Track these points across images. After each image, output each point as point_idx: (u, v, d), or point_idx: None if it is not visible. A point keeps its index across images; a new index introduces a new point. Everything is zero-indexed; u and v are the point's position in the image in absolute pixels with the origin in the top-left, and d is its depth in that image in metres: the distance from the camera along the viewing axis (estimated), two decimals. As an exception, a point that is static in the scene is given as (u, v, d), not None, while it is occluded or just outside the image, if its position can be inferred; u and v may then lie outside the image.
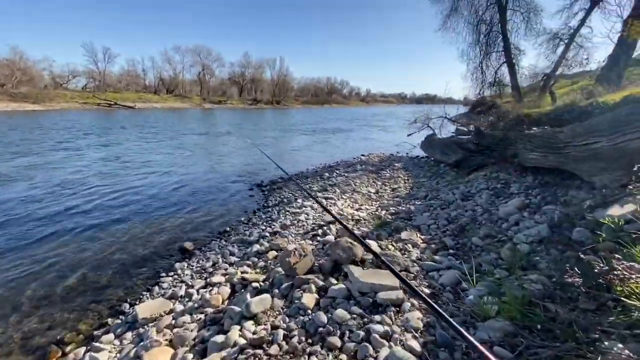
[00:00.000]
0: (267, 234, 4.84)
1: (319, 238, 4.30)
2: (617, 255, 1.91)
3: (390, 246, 3.79)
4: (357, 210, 5.77)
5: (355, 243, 3.36)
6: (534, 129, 5.45)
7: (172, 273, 4.20)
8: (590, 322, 1.41)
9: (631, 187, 3.03)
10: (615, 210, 2.60)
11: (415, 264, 3.11)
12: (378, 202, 6.24)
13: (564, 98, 12.24)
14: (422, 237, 4.00)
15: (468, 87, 23.33)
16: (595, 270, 1.89)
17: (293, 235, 4.66)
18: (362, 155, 13.40)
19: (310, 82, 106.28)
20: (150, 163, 11.46)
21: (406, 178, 8.36)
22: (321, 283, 2.86)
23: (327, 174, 9.11)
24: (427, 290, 2.46)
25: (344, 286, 2.67)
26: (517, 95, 14.85)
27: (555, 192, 4.03)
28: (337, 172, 9.56)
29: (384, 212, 5.48)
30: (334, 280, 2.86)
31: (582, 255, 2.38)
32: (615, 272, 1.75)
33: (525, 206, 3.91)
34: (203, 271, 4.09)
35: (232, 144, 17.45)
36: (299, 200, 6.62)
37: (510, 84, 17.38)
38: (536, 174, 4.99)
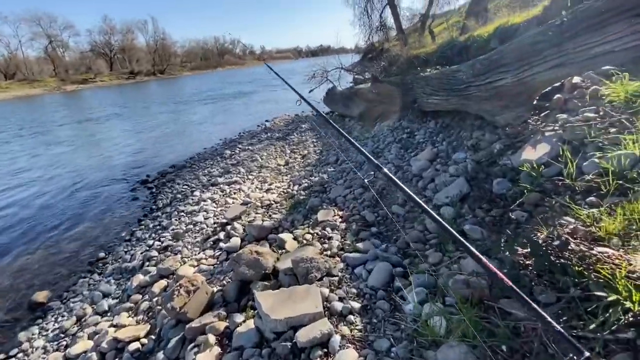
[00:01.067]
0: (155, 252, 3.74)
1: (222, 245, 3.44)
2: (561, 219, 1.58)
3: (307, 235, 3.19)
4: (266, 191, 4.99)
5: (262, 251, 2.63)
6: (428, 70, 5.28)
7: (15, 352, 2.88)
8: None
9: (531, 121, 2.92)
10: (530, 153, 2.40)
11: (337, 259, 2.57)
12: (289, 176, 5.56)
13: (442, 35, 12.93)
14: (340, 213, 3.50)
15: (357, 34, 23.41)
16: (541, 243, 1.54)
17: (189, 247, 3.68)
18: (267, 121, 12.34)
19: (196, 44, 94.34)
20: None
21: (315, 140, 7.81)
22: (224, 326, 2.10)
23: (228, 151, 7.93)
24: (357, 304, 1.92)
25: (253, 326, 1.96)
26: (402, 37, 15.26)
27: (460, 135, 3.92)
28: (241, 146, 8.46)
29: (296, 187, 4.84)
30: (240, 317, 2.12)
31: (512, 216, 2.11)
32: (570, 247, 1.40)
33: (435, 156, 3.69)
34: (63, 335, 2.89)
35: (112, 132, 14.24)
36: (196, 193, 5.48)
37: (394, 26, 17.81)
38: (436, 117, 4.89)
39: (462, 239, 1.06)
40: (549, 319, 0.80)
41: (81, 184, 7.45)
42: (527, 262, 1.49)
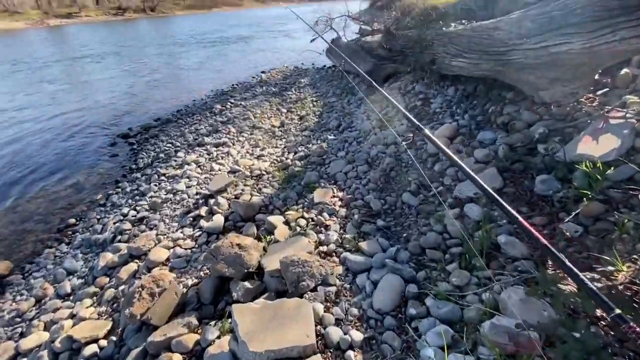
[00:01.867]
0: (128, 225, 3.31)
1: (202, 223, 3.00)
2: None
3: (301, 220, 2.75)
4: (258, 158, 4.46)
5: (245, 244, 2.19)
6: (452, 25, 4.47)
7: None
8: None
9: (586, 101, 2.35)
10: (589, 145, 1.88)
11: (335, 260, 2.15)
12: (284, 141, 4.99)
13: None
14: (340, 195, 3.03)
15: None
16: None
17: (166, 222, 3.25)
18: (263, 72, 11.30)
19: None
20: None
21: (314, 99, 7.07)
22: (194, 341, 1.73)
23: (218, 106, 7.20)
24: (359, 335, 1.53)
25: (227, 349, 1.58)
26: (420, -17, 13.55)
27: (485, 109, 3.32)
28: (233, 100, 7.69)
29: (291, 156, 4.31)
30: (214, 332, 1.74)
31: (562, 228, 1.65)
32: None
33: (456, 132, 3.14)
34: (19, 320, 2.55)
35: (100, 73, 13.09)
36: (180, 154, 4.93)
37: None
38: (457, 83, 4.23)
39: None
40: (583, 277, 0.78)
41: (59, 130, 6.80)
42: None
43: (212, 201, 3.28)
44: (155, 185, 4.13)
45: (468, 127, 3.15)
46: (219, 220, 2.93)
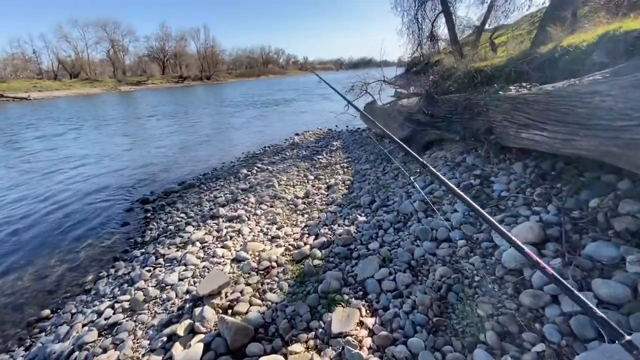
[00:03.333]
0: (93, 334, 2.55)
1: (175, 351, 2.15)
2: None
3: (308, 367, 1.81)
4: (271, 239, 3.70)
5: None
6: (513, 89, 3.72)
7: None
8: None
9: None
10: None
11: None
12: (306, 216, 4.23)
13: (507, 48, 11.03)
14: (371, 322, 2.07)
15: (404, 45, 21.85)
16: None
17: (138, 336, 2.45)
18: (297, 134, 11.20)
19: (243, 52, 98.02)
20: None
21: (346, 164, 6.44)
22: None
23: (244, 171, 6.81)
24: None
25: None
26: (457, 48, 13.48)
27: (580, 199, 2.34)
28: (260, 164, 7.32)
29: (311, 239, 3.50)
30: None
31: None
32: None
33: (544, 236, 2.16)
34: None
35: (148, 131, 13.98)
36: (189, 229, 4.34)
37: (447, 37, 16.11)
38: (524, 157, 3.32)
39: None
40: (591, 305, 0.79)
41: (86, 190, 6.71)
42: None
43: (197, 311, 2.46)
44: (149, 270, 3.45)
45: (561, 228, 2.16)
46: (195, 352, 2.07)
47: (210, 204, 5.29)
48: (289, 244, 3.53)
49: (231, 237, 3.89)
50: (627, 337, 0.68)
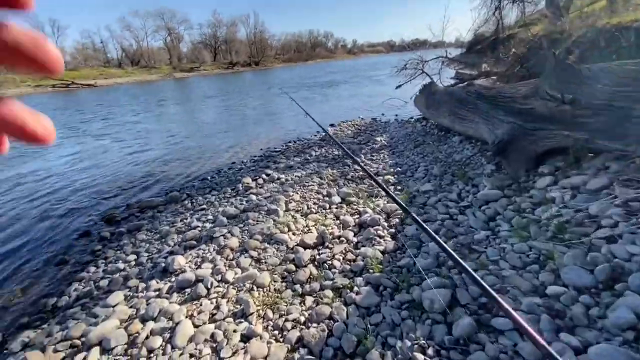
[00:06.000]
0: None
1: None
2: None
3: None
4: (233, 352, 1.73)
5: None
6: None
7: None
8: None
9: None
10: None
11: None
12: (308, 304, 2.19)
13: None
14: None
15: (476, 9, 18.13)
16: None
17: None
18: (332, 125, 9.04)
19: (291, 37, 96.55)
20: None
21: (393, 179, 4.19)
22: None
23: (249, 179, 4.89)
24: None
25: None
26: (556, 9, 9.93)
27: None
28: (274, 168, 5.39)
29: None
30: None
31: None
32: None
33: None
34: None
35: (182, 117, 12.93)
36: (111, 300, 2.53)
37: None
38: None
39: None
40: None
41: (65, 192, 5.39)
42: None
43: None
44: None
45: None
46: None
47: (178, 237, 3.47)
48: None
49: (167, 329, 1.99)
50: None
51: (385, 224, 2.92)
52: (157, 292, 2.53)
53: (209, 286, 2.45)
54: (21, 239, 4.18)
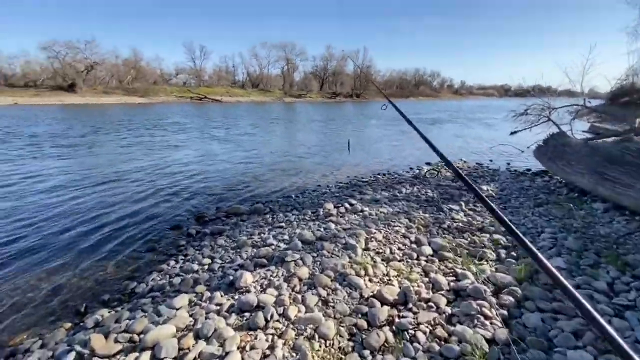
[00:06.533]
0: None
1: None
2: None
3: None
4: None
5: None
6: None
7: None
8: None
9: None
10: None
11: None
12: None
13: None
14: None
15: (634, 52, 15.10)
16: None
17: None
18: (428, 164, 8.35)
19: (396, 74, 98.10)
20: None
21: (507, 240, 3.37)
22: None
23: (330, 206, 4.66)
24: None
25: None
26: None
27: None
28: (358, 199, 5.06)
29: None
30: None
31: None
32: None
33: None
34: None
35: (285, 132, 14.11)
36: (175, 302, 2.49)
37: None
38: None
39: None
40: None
41: (168, 189, 6.09)
42: None
43: None
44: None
45: None
46: None
47: (252, 251, 3.38)
48: None
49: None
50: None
51: (494, 301, 2.23)
52: (218, 308, 2.38)
53: (269, 318, 2.19)
54: (131, 217, 4.76)
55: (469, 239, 3.49)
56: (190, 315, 2.32)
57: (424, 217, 4.14)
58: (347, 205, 4.70)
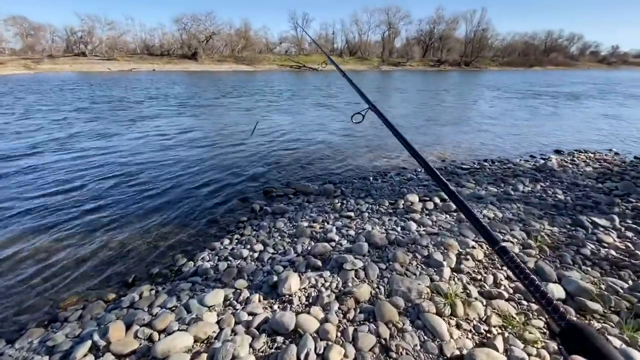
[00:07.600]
0: None
1: None
2: None
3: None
4: None
5: None
6: None
7: None
8: None
9: None
10: None
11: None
12: None
13: None
14: None
15: None
16: None
17: None
18: (558, 151, 6.38)
19: (519, 38, 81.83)
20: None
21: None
22: None
23: (414, 197, 3.75)
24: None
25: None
26: None
27: None
28: (469, 178, 3.97)
29: None
30: None
31: None
32: None
33: None
34: None
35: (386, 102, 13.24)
36: (207, 299, 2.13)
37: None
38: None
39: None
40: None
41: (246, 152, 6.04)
42: None
43: None
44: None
45: None
46: None
47: (308, 245, 2.83)
48: None
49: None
50: (501, 244, 0.67)
51: None
52: (250, 319, 1.92)
53: (302, 357, 1.61)
54: (216, 182, 4.82)
55: (630, 281, 2.23)
56: (217, 322, 1.92)
57: (550, 233, 2.91)
58: (436, 199, 3.71)
